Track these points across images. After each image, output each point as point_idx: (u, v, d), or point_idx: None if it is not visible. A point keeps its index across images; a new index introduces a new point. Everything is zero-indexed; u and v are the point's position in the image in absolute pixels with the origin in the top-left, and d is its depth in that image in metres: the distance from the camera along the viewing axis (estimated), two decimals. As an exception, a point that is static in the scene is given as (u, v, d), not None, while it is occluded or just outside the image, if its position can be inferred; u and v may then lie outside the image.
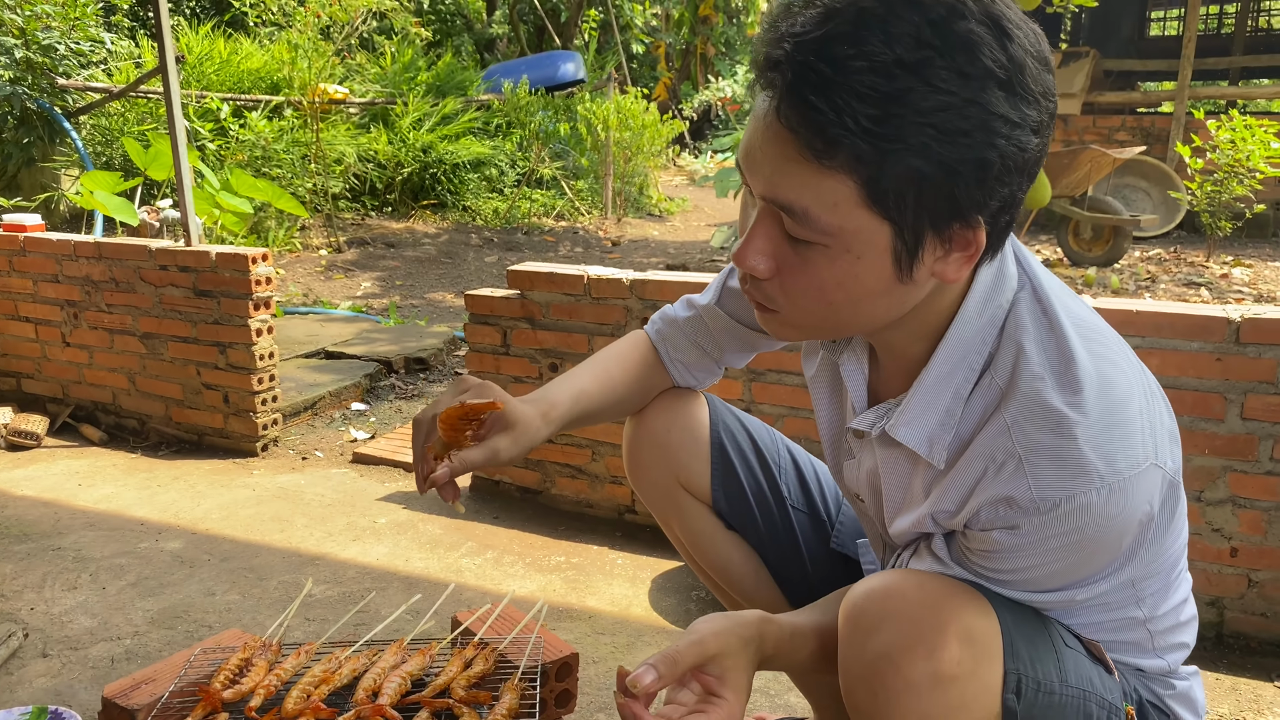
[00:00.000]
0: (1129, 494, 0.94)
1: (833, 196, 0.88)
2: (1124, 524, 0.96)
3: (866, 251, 0.91)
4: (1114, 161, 6.71)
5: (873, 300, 0.96)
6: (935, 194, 0.88)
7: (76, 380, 3.80)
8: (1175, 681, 1.18)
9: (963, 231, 0.92)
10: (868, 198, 0.88)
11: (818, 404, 1.27)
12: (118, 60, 7.95)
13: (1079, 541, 0.96)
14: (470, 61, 13.37)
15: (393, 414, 3.97)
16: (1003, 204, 0.91)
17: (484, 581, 2.48)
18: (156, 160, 5.69)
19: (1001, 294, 1.02)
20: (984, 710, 0.98)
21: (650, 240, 9.03)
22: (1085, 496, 0.93)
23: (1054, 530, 0.95)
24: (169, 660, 1.71)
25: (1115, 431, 0.95)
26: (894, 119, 0.84)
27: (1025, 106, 0.87)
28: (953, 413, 1.02)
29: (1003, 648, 0.99)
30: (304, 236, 7.85)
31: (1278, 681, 2.01)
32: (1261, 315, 2.01)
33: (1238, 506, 2.10)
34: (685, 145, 15.55)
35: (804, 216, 0.90)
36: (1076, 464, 0.93)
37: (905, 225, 0.90)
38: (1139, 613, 1.11)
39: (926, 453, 1.04)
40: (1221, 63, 11.02)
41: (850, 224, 0.90)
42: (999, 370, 1.00)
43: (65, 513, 2.92)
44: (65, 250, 3.67)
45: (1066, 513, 0.94)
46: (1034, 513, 0.95)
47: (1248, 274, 6.80)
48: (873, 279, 0.94)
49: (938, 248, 0.93)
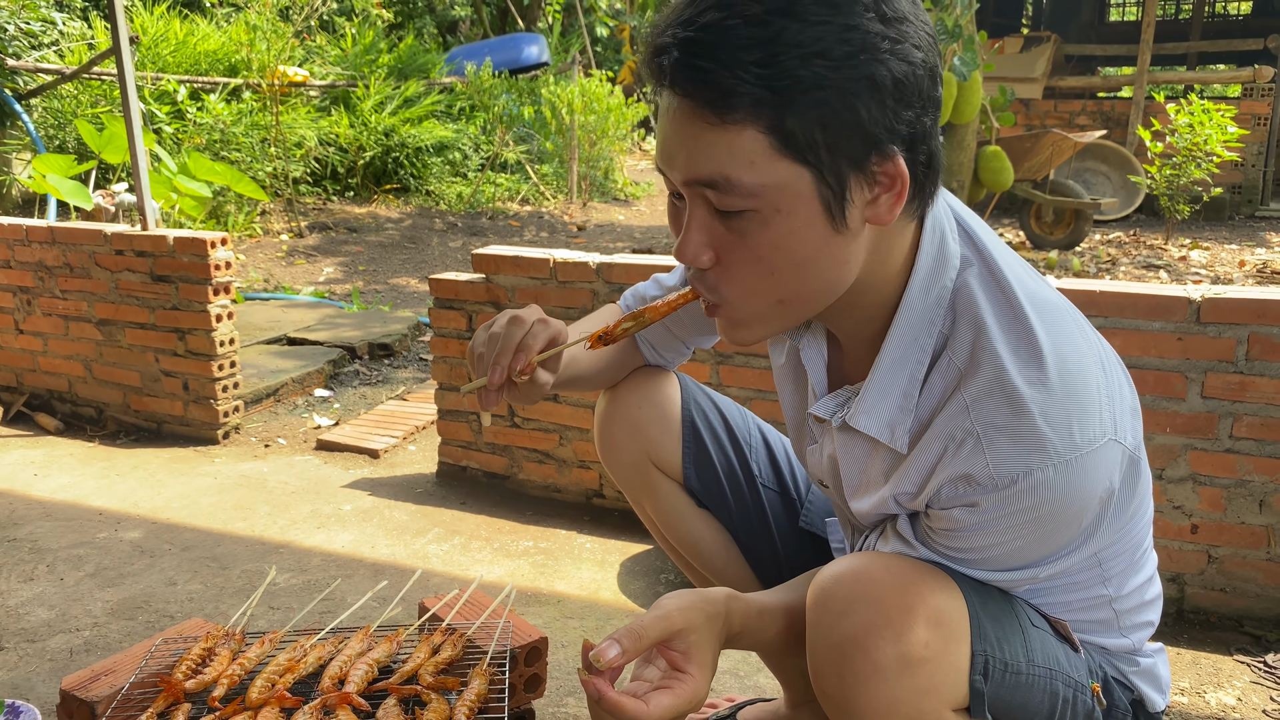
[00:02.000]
0: (1087, 469, 0.95)
1: (746, 154, 0.90)
2: (1083, 500, 0.96)
3: (795, 205, 0.92)
4: (1075, 145, 6.78)
5: (815, 260, 0.95)
6: (841, 127, 0.89)
7: (31, 368, 3.72)
8: (1140, 659, 1.19)
9: (882, 165, 0.92)
10: (779, 145, 0.89)
11: (782, 391, 1.28)
12: (70, 41, 7.77)
13: (1039, 518, 0.96)
14: (433, 44, 13.23)
15: (357, 400, 3.92)
16: (912, 132, 0.92)
17: (451, 567, 2.46)
18: (111, 143, 5.58)
19: (944, 273, 1.02)
20: (952, 692, 0.99)
21: (616, 224, 9.00)
22: (1042, 472, 0.93)
23: (1013, 507, 0.95)
24: (129, 651, 1.68)
25: (1072, 407, 0.95)
26: (779, 59, 0.86)
27: (900, 25, 0.90)
28: (910, 395, 1.03)
29: (970, 629, 0.99)
30: (264, 221, 7.73)
31: (1237, 655, 2.05)
32: (1222, 295, 2.04)
33: (1198, 484, 2.13)
34: (650, 129, 15.51)
35: (726, 184, 0.91)
36: (1033, 440, 0.93)
37: (824, 167, 0.90)
38: (1105, 591, 1.12)
39: (889, 439, 1.04)
40: (1180, 48, 11.17)
41: (771, 178, 0.90)
42: (957, 350, 1.00)
43: (21, 503, 2.86)
44: (17, 235, 3.59)
45: (1024, 489, 0.94)
46: (992, 489, 0.95)
47: (1205, 256, 6.91)
48: (809, 233, 0.93)
49: (863, 187, 0.93)
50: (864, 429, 1.05)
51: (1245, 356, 2.03)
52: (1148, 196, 8.01)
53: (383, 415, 3.65)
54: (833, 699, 1.01)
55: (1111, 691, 1.14)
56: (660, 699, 0.99)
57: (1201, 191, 7.39)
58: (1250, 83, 9.05)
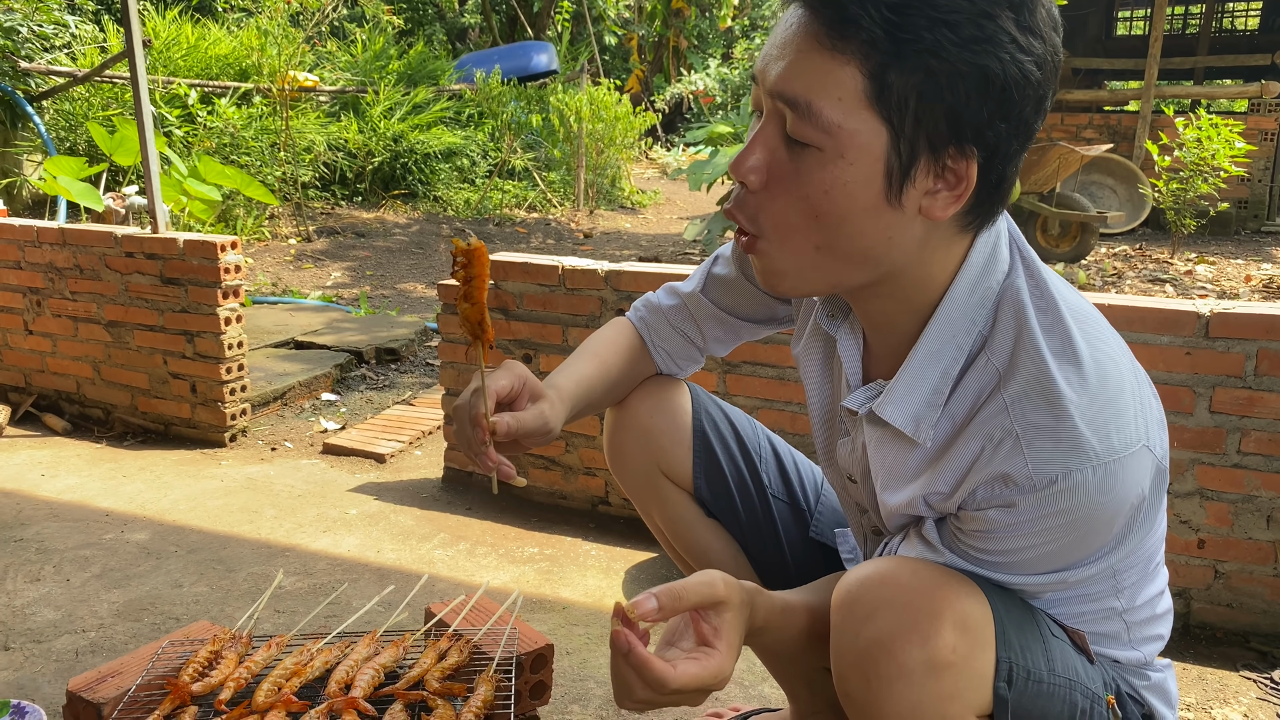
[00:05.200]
0: (1122, 473, 0.95)
1: (839, 89, 0.89)
2: (1117, 505, 0.96)
3: (860, 158, 0.91)
4: (1082, 159, 6.78)
5: (858, 222, 0.94)
6: (935, 103, 0.88)
7: (39, 369, 3.73)
8: (1150, 673, 1.19)
9: (955, 160, 0.91)
10: (872, 93, 0.88)
11: (808, 381, 1.26)
12: (82, 44, 7.81)
13: (1073, 521, 0.96)
14: (442, 51, 13.27)
15: (363, 404, 3.93)
16: (996, 145, 0.91)
17: (457, 573, 2.46)
18: (122, 146, 5.60)
19: (993, 275, 1.02)
20: (976, 698, 0.99)
21: (622, 233, 9.02)
22: (1081, 474, 0.93)
23: (1050, 509, 0.95)
24: (136, 653, 1.68)
25: (1109, 411, 0.95)
26: (910, 12, 0.86)
27: (1031, 37, 0.89)
28: (940, 392, 1.03)
29: (995, 636, 0.99)
30: (273, 225, 7.76)
31: (1243, 671, 2.04)
32: (1231, 310, 2.04)
33: (1205, 499, 2.12)
34: (657, 138, 15.54)
35: (808, 110, 0.90)
36: (1073, 441, 0.93)
37: (903, 133, 0.90)
38: (1117, 604, 1.12)
39: (913, 431, 1.04)
40: (1187, 62, 11.17)
41: (851, 122, 0.90)
42: (996, 350, 1.00)
43: (28, 504, 2.87)
44: (28, 236, 3.60)
45: (1062, 490, 0.94)
46: (1030, 490, 0.95)
47: (1211, 271, 6.90)
48: (862, 192, 0.92)
49: (929, 174, 0.92)
50: (889, 419, 1.05)
51: (1254, 372, 2.03)
52: (1154, 210, 8.01)
53: (389, 420, 3.66)
54: (856, 702, 1.00)
55: (1124, 705, 1.14)
56: (687, 667, 0.98)
57: (1208, 206, 7.39)
58: (1257, 98, 9.05)
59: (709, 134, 7.46)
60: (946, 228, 0.98)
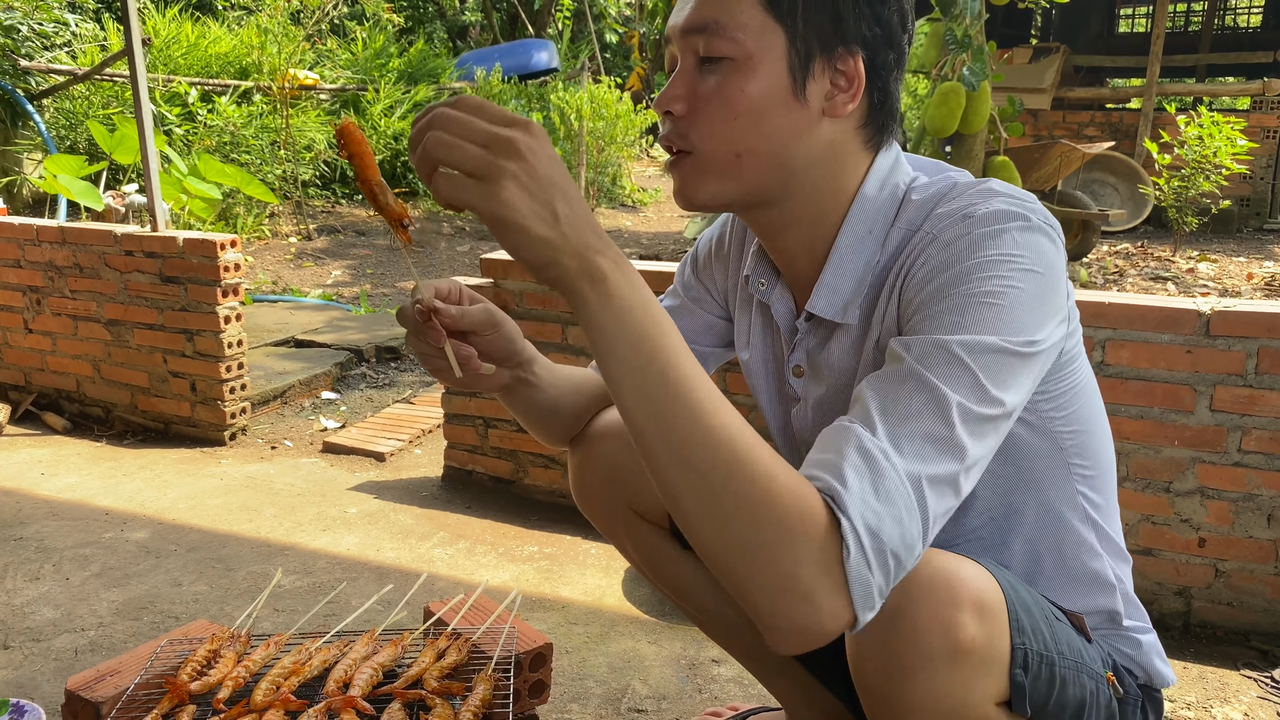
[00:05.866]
0: (1044, 234, 0.97)
1: (739, 4, 1.02)
2: (1047, 254, 0.96)
3: (766, 57, 1.02)
4: (1083, 156, 6.77)
5: (773, 117, 1.03)
6: (820, 6, 1.02)
7: (39, 368, 3.73)
8: (1139, 636, 1.21)
9: (844, 62, 1.03)
10: (765, 1, 1.01)
11: (755, 374, 1.28)
12: (82, 42, 7.80)
13: (1004, 241, 0.95)
14: (442, 49, 13.27)
15: (364, 403, 3.93)
16: (877, 45, 1.04)
17: (456, 571, 2.46)
18: (122, 144, 5.60)
19: (898, 175, 1.09)
20: (995, 685, 0.99)
21: (623, 231, 9.01)
22: (994, 203, 0.98)
23: (976, 230, 0.96)
24: (134, 652, 1.68)
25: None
26: None
27: None
28: (864, 281, 1.07)
29: (1009, 621, 0.99)
30: (273, 224, 7.75)
31: (1244, 670, 2.04)
32: (1232, 309, 2.03)
33: (1206, 497, 2.12)
34: (658, 136, 15.53)
35: (717, 28, 1.02)
36: (987, 190, 1.01)
37: (797, 32, 1.02)
38: (1092, 537, 1.16)
39: (841, 317, 1.09)
40: (1189, 60, 11.16)
41: (752, 27, 1.01)
42: (902, 220, 1.07)
43: (27, 502, 2.87)
44: (28, 235, 3.60)
45: (982, 214, 0.97)
46: (951, 230, 0.98)
47: (1213, 269, 6.90)
48: (773, 89, 1.02)
49: (825, 74, 1.03)
50: (819, 311, 1.10)
51: (1255, 370, 2.03)
52: (1155, 208, 8.00)
53: (389, 418, 3.66)
54: (875, 694, 1.00)
55: (1122, 679, 1.15)
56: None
57: (1209, 204, 7.38)
58: (1259, 96, 9.04)
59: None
60: (848, 141, 1.07)
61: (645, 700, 1.89)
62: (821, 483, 0.83)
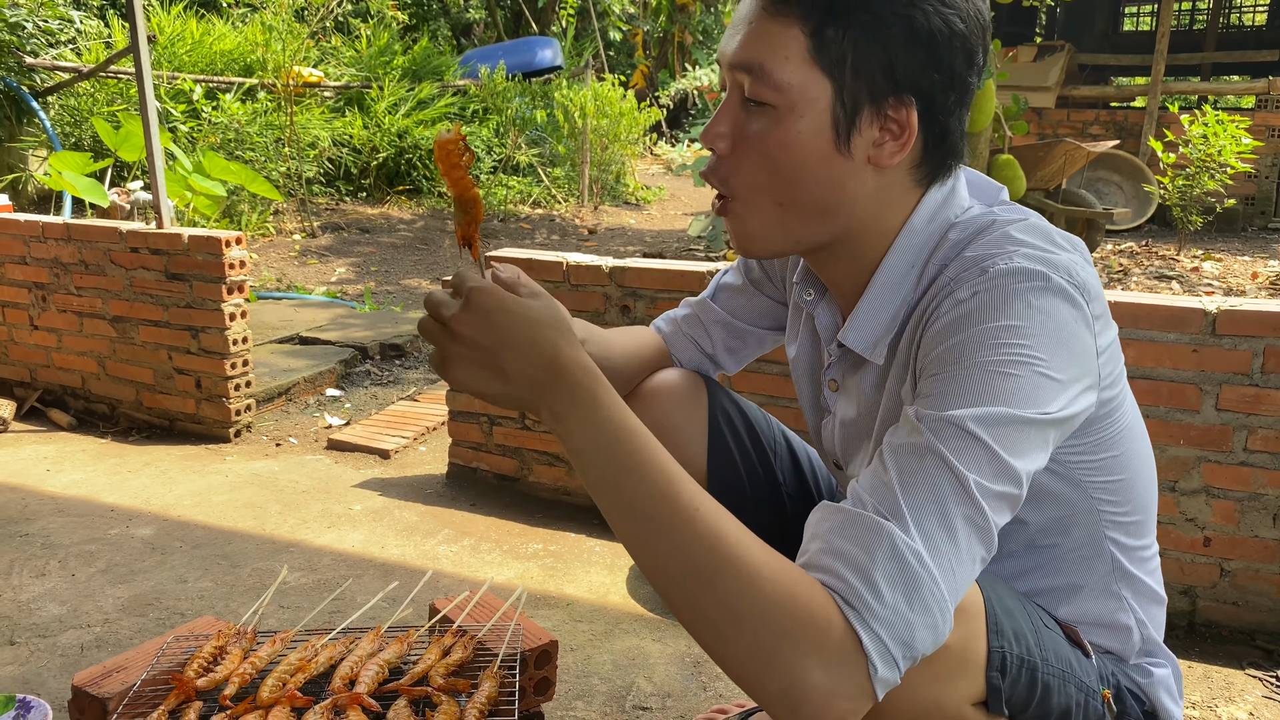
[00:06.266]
0: (1062, 295, 0.92)
1: (785, 50, 0.98)
2: (1063, 320, 0.92)
3: (809, 111, 0.99)
4: (1088, 155, 6.76)
5: (813, 170, 1.01)
6: (870, 54, 0.97)
7: (45, 364, 3.74)
8: (1154, 668, 1.19)
9: (896, 110, 0.99)
10: (814, 49, 0.98)
11: (798, 374, 1.30)
12: (87, 39, 7.81)
13: (1029, 301, 0.91)
14: (447, 46, 13.26)
15: (368, 400, 3.93)
16: (933, 92, 0.99)
17: (461, 569, 2.46)
18: (127, 141, 5.60)
19: (949, 209, 1.06)
20: (970, 686, 0.99)
21: (627, 228, 9.01)
22: (1014, 259, 0.94)
23: (996, 286, 0.92)
24: (141, 648, 1.68)
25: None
26: None
27: None
28: (896, 317, 1.07)
29: (986, 624, 0.99)
30: (277, 221, 7.76)
31: (1249, 670, 2.04)
32: (1238, 307, 2.03)
33: (1211, 497, 2.12)
34: (662, 134, 15.52)
35: (761, 72, 0.99)
36: (1005, 238, 0.98)
37: (844, 85, 0.98)
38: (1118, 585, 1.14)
39: (870, 354, 1.08)
40: (1194, 58, 11.14)
41: (798, 78, 0.98)
42: (938, 257, 1.04)
43: (33, 498, 2.88)
44: (33, 231, 3.61)
45: (1001, 271, 0.93)
46: (970, 280, 0.94)
47: (1217, 268, 6.88)
48: (814, 142, 1.00)
49: (874, 124, 1.00)
50: (850, 343, 1.10)
51: (1261, 369, 2.02)
52: (1160, 207, 7.99)
53: (393, 415, 3.66)
54: None
55: (1124, 700, 1.14)
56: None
57: (1214, 203, 7.36)
58: (1264, 94, 9.02)
59: (714, 130, 7.44)
60: (898, 181, 1.04)
61: (650, 698, 1.89)
62: (843, 586, 0.81)
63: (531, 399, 0.91)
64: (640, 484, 0.86)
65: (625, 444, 0.87)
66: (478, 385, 0.92)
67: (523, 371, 0.90)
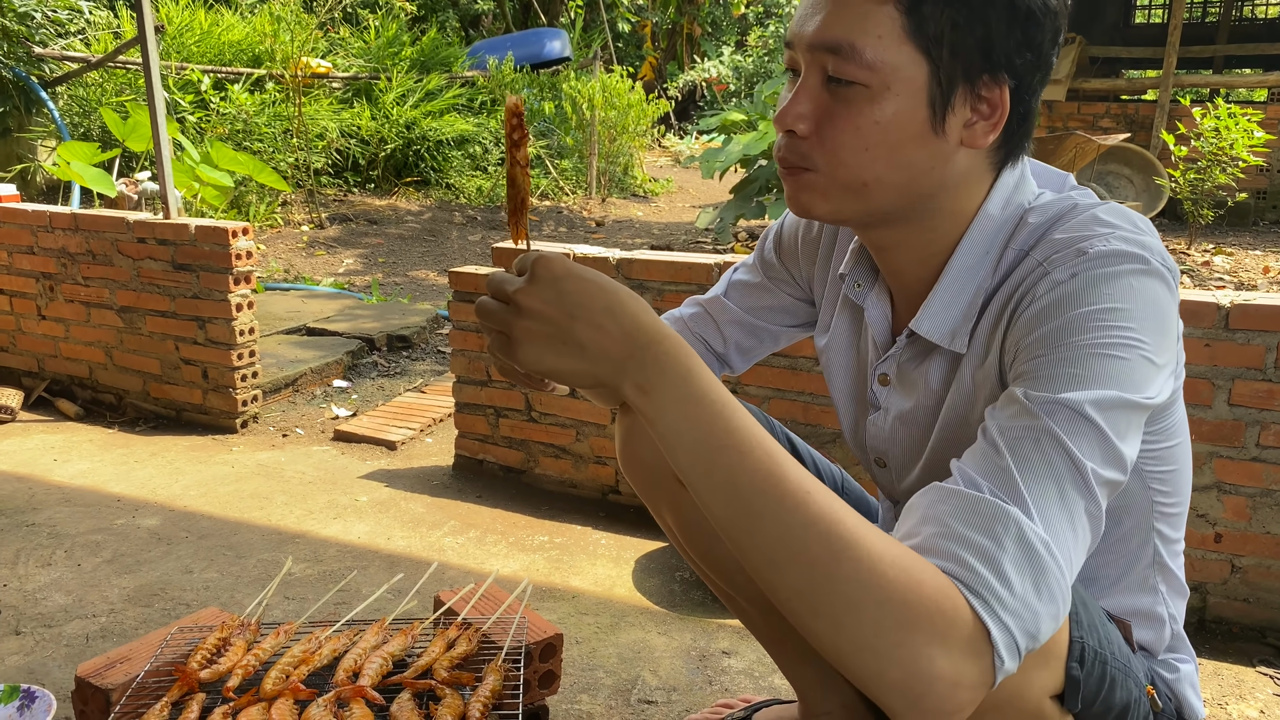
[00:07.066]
0: (1159, 278, 0.92)
1: (878, 28, 0.94)
2: (1163, 303, 0.92)
3: (904, 89, 0.95)
4: (1098, 148, 6.71)
5: (908, 150, 0.97)
6: (969, 32, 0.94)
7: (52, 354, 3.74)
8: (1180, 665, 1.18)
9: (989, 89, 0.96)
10: (910, 27, 0.93)
11: (834, 368, 1.26)
12: (96, 29, 7.81)
13: (1126, 287, 0.90)
14: (455, 37, 13.23)
15: (375, 391, 3.93)
16: (1025, 71, 0.97)
17: (467, 561, 2.46)
18: (135, 132, 5.60)
19: (1022, 193, 1.04)
20: (1052, 677, 0.97)
21: (635, 221, 8.99)
22: (1110, 241, 0.93)
23: (1090, 268, 0.91)
24: (145, 639, 1.68)
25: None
26: None
27: None
28: (974, 305, 1.03)
29: (1070, 613, 0.97)
30: (285, 212, 7.76)
31: (1260, 667, 2.02)
32: (1251, 302, 2.01)
33: (1223, 492, 2.10)
34: (670, 126, 15.49)
35: (850, 50, 0.94)
36: (1094, 221, 0.96)
37: (940, 64, 0.95)
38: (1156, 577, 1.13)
39: (948, 343, 1.05)
40: (1206, 51, 11.05)
41: (892, 57, 0.94)
42: (1016, 242, 1.02)
43: (40, 488, 2.88)
44: (41, 221, 3.61)
45: (1097, 254, 0.92)
46: (1068, 265, 0.93)
47: (1229, 262, 6.84)
48: (909, 122, 0.96)
49: (966, 104, 0.97)
50: (926, 333, 1.06)
51: (1274, 364, 2.00)
52: (1171, 200, 7.94)
53: (400, 407, 3.66)
54: None
55: (1161, 697, 1.13)
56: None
57: (1226, 196, 7.31)
58: (1277, 88, 8.95)
59: (722, 121, 7.42)
60: (980, 163, 1.01)
61: (655, 691, 1.88)
62: (969, 575, 0.78)
63: (612, 373, 0.84)
64: (743, 464, 0.79)
65: (724, 420, 0.81)
66: (550, 362, 0.84)
67: (599, 344, 0.83)
